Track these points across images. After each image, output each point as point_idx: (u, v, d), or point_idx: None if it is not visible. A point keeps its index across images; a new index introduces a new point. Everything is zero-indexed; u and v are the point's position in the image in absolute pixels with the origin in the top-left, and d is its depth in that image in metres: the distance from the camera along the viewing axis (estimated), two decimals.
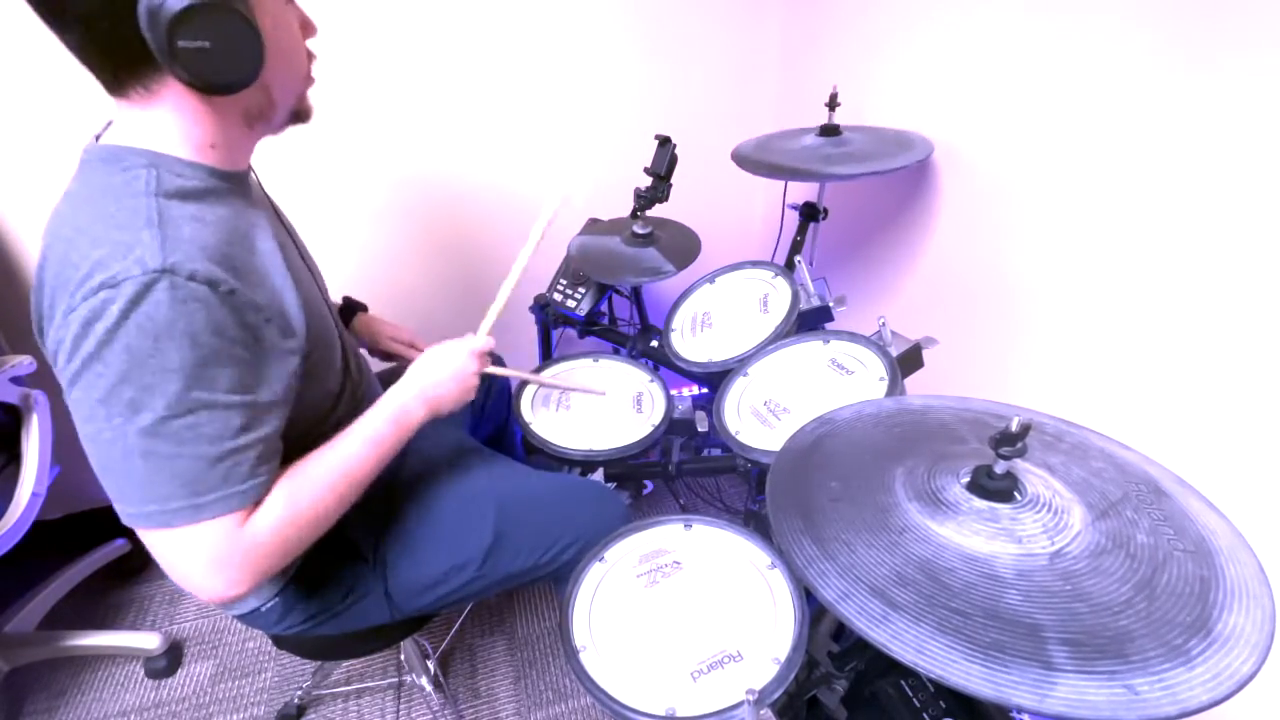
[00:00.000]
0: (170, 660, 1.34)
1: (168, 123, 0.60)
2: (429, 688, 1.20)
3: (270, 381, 0.62)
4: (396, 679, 1.30)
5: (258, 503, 0.61)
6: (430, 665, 1.23)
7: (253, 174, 0.73)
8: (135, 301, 0.52)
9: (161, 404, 0.54)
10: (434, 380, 0.77)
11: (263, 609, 0.77)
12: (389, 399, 0.74)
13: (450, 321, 1.68)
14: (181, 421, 0.55)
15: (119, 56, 0.56)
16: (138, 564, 1.54)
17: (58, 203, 0.61)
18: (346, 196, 1.45)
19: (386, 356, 1.07)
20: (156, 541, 0.58)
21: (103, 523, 1.51)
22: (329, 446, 0.69)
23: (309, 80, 0.69)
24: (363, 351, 0.97)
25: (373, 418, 0.72)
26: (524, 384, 1.15)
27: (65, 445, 1.23)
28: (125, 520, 0.58)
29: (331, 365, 0.75)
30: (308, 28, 0.67)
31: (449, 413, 0.79)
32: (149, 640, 1.32)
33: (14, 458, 1.15)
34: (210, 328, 0.55)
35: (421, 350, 1.05)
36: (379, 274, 1.57)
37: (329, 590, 0.79)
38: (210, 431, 0.56)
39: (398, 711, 1.25)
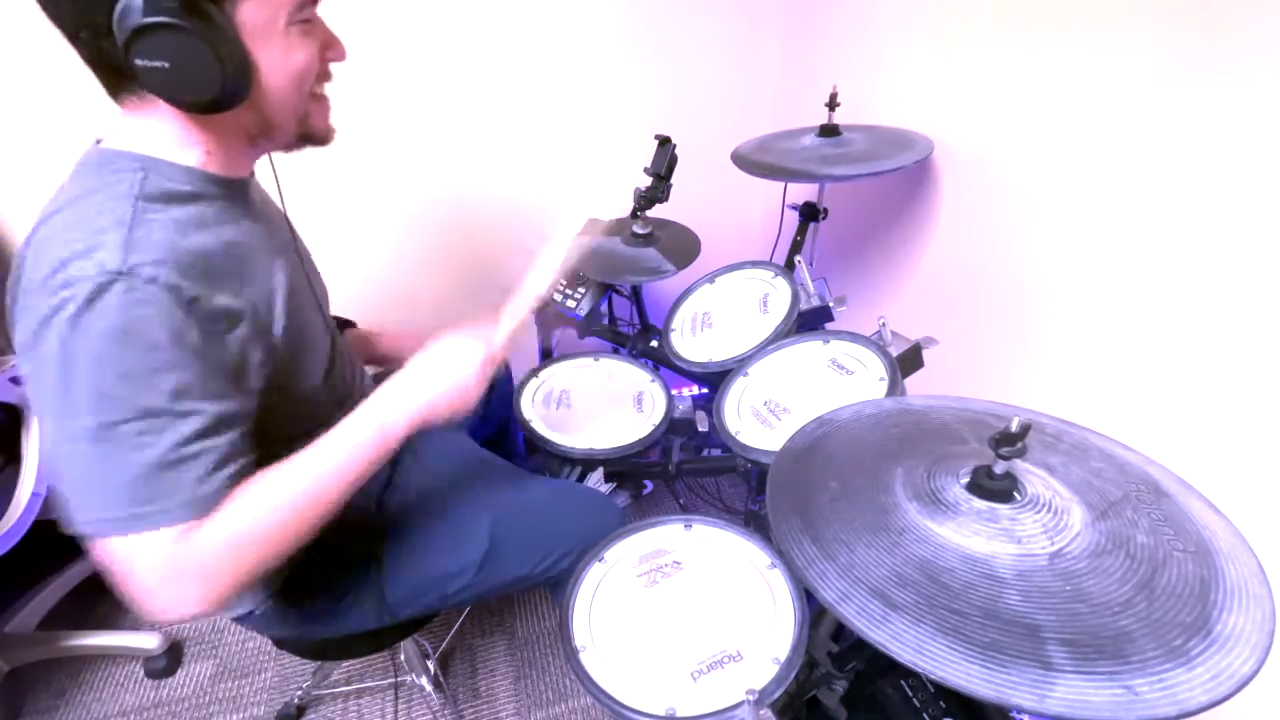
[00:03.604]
0: (170, 660, 1.34)
1: (163, 129, 0.60)
2: (429, 688, 1.20)
3: (231, 389, 0.60)
4: (397, 679, 1.30)
5: (202, 517, 0.56)
6: (430, 665, 1.23)
7: (260, 185, 0.73)
8: (90, 302, 0.51)
9: (110, 408, 0.52)
10: (426, 389, 0.68)
11: (256, 613, 0.77)
12: (369, 406, 0.66)
13: (461, 322, 1.68)
14: (128, 428, 0.53)
15: (107, 67, 0.56)
16: None
17: (45, 205, 0.60)
18: (350, 200, 1.45)
19: (382, 363, 1.06)
20: (104, 551, 0.55)
21: None
22: (295, 458, 0.63)
23: (317, 103, 0.67)
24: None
25: (350, 426, 0.65)
26: (524, 384, 1.15)
27: None
28: (75, 528, 0.55)
29: (313, 380, 0.74)
30: (331, 49, 0.65)
31: (440, 425, 0.70)
32: (149, 640, 1.32)
33: (14, 458, 1.15)
34: (167, 332, 0.54)
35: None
36: (383, 277, 1.57)
37: (322, 595, 0.79)
38: (157, 440, 0.54)
39: (397, 711, 1.25)
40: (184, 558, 0.56)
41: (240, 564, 0.58)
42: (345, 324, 1.08)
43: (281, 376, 0.67)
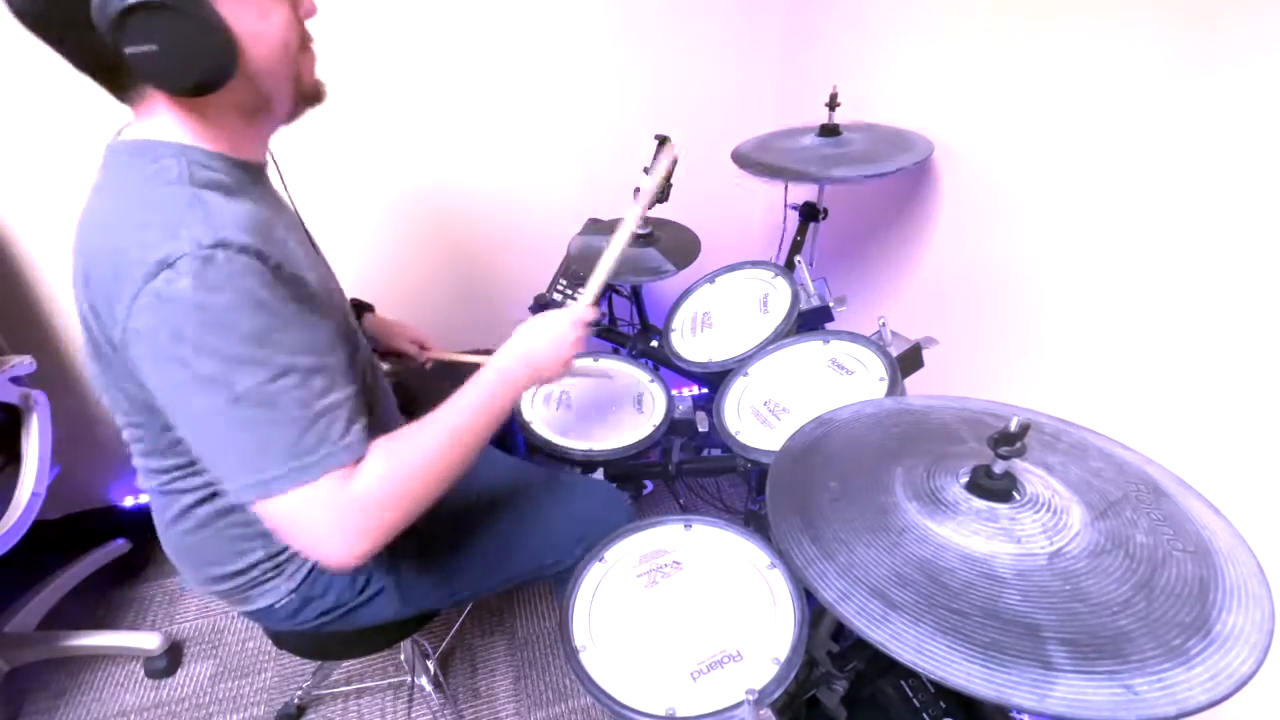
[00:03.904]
0: (170, 660, 1.34)
1: (172, 118, 0.60)
2: (429, 688, 1.20)
3: (335, 346, 0.62)
4: (396, 679, 1.30)
5: (359, 461, 0.61)
6: (430, 665, 1.23)
7: (271, 173, 0.73)
8: (200, 277, 0.52)
9: (249, 372, 0.54)
10: (535, 345, 0.76)
11: (277, 605, 0.78)
12: (491, 365, 0.73)
13: (460, 321, 1.68)
14: (273, 387, 0.55)
15: (101, 66, 0.56)
16: (138, 564, 1.54)
17: (88, 200, 0.60)
18: (353, 198, 1.45)
19: (397, 356, 1.07)
20: (272, 511, 0.58)
21: (103, 523, 1.51)
22: (432, 414, 0.68)
23: (307, 61, 0.66)
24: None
25: (475, 383, 0.71)
26: None
27: (65, 445, 1.23)
28: (237, 496, 0.58)
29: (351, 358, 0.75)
30: (301, 6, 0.63)
31: (550, 379, 0.78)
32: (149, 640, 1.32)
33: (14, 458, 1.15)
34: (272, 294, 0.55)
35: (430, 348, 1.06)
36: (386, 275, 1.57)
37: (343, 588, 0.80)
38: (301, 394, 0.56)
39: (398, 711, 1.25)
40: (350, 501, 0.59)
41: (400, 503, 0.62)
42: (365, 307, 1.08)
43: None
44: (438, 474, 0.65)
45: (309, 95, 0.67)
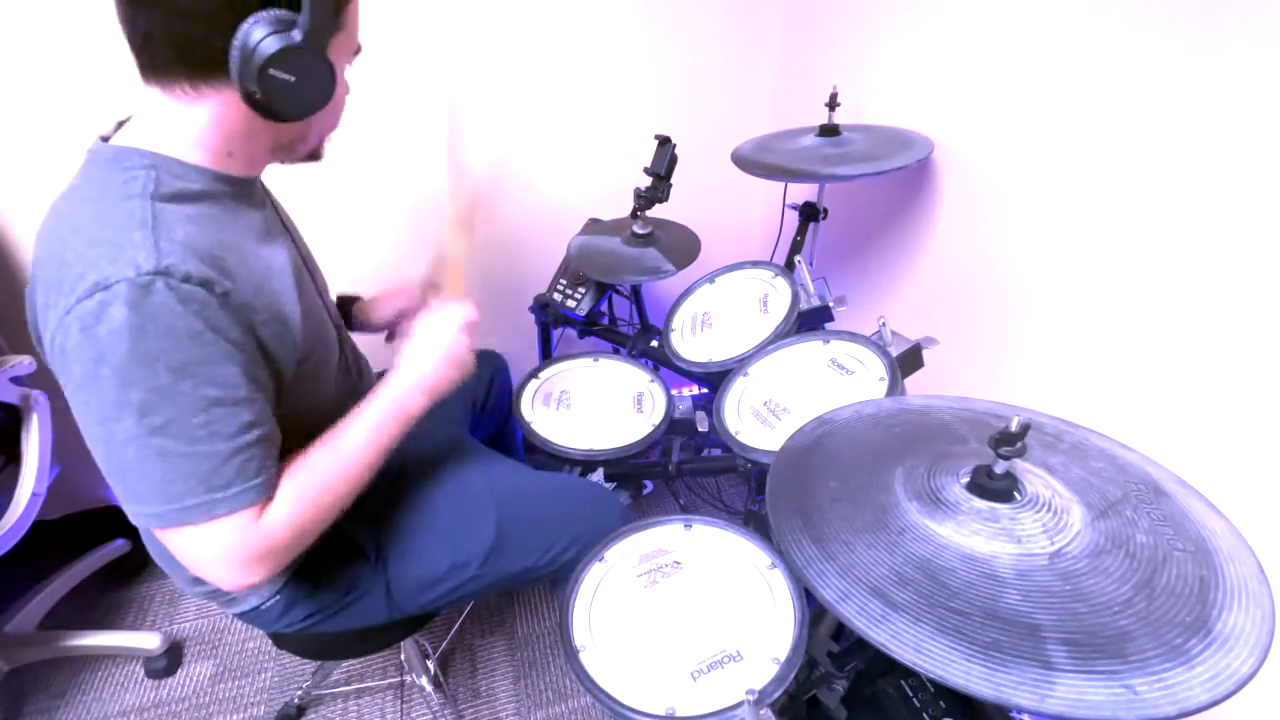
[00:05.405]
0: (170, 660, 1.34)
1: (194, 123, 0.60)
2: (429, 688, 1.20)
3: (270, 379, 0.63)
4: (396, 679, 1.30)
5: (270, 499, 0.62)
6: (430, 665, 1.23)
7: (260, 181, 0.74)
8: (135, 304, 0.52)
9: (173, 403, 0.54)
10: (429, 366, 0.75)
11: (263, 607, 0.77)
12: (387, 390, 0.73)
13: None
14: (196, 420, 0.56)
15: (191, 55, 0.56)
16: (138, 564, 1.54)
17: (55, 202, 0.61)
18: (352, 199, 1.45)
19: (392, 325, 1.06)
20: (174, 539, 0.59)
21: (103, 523, 1.51)
22: (330, 437, 0.69)
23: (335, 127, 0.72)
24: (366, 355, 0.97)
25: (374, 407, 0.71)
26: (525, 385, 1.15)
27: (65, 445, 1.23)
28: (139, 521, 0.59)
29: (328, 370, 0.76)
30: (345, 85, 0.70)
31: (450, 389, 0.77)
32: (149, 640, 1.32)
33: (14, 458, 1.15)
34: (210, 326, 0.56)
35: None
36: (386, 276, 1.56)
37: (330, 588, 0.79)
38: (223, 428, 0.57)
39: (398, 711, 1.25)
40: (258, 536, 0.61)
41: (302, 536, 0.65)
42: (351, 299, 1.07)
43: (301, 366, 0.68)
44: (336, 507, 0.68)
45: (317, 153, 0.73)
